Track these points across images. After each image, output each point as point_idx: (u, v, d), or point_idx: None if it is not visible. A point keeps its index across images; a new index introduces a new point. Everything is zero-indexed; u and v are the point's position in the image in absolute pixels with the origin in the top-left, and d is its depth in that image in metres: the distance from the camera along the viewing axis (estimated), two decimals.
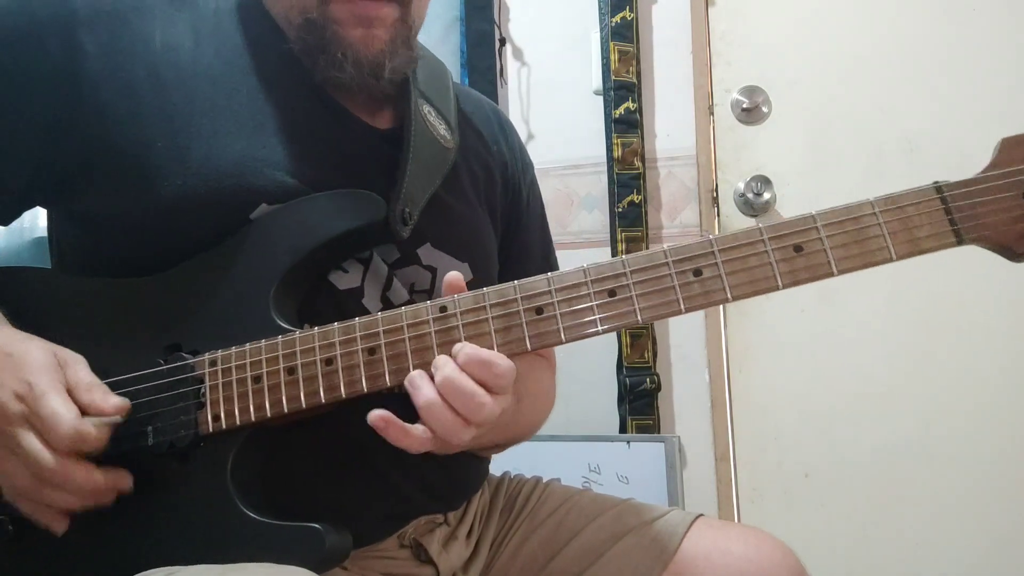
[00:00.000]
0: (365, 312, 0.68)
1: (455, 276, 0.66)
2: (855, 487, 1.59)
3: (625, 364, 1.61)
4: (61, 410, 0.59)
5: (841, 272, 0.61)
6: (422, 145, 0.77)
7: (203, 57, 0.72)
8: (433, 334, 0.64)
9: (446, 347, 0.63)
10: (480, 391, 0.60)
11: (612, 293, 0.63)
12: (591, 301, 0.63)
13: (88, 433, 0.59)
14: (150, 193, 0.67)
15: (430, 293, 0.77)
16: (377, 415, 0.60)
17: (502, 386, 0.61)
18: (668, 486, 1.51)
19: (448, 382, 0.60)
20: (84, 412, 0.61)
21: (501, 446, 0.84)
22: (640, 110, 1.64)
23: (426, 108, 0.80)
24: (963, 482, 1.54)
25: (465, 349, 0.61)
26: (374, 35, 0.73)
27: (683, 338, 1.64)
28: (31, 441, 0.59)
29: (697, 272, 0.62)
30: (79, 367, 0.63)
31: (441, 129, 0.81)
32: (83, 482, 0.61)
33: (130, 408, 0.63)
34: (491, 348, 0.63)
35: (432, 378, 0.61)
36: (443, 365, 0.61)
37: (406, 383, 0.62)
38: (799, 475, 1.62)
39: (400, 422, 0.60)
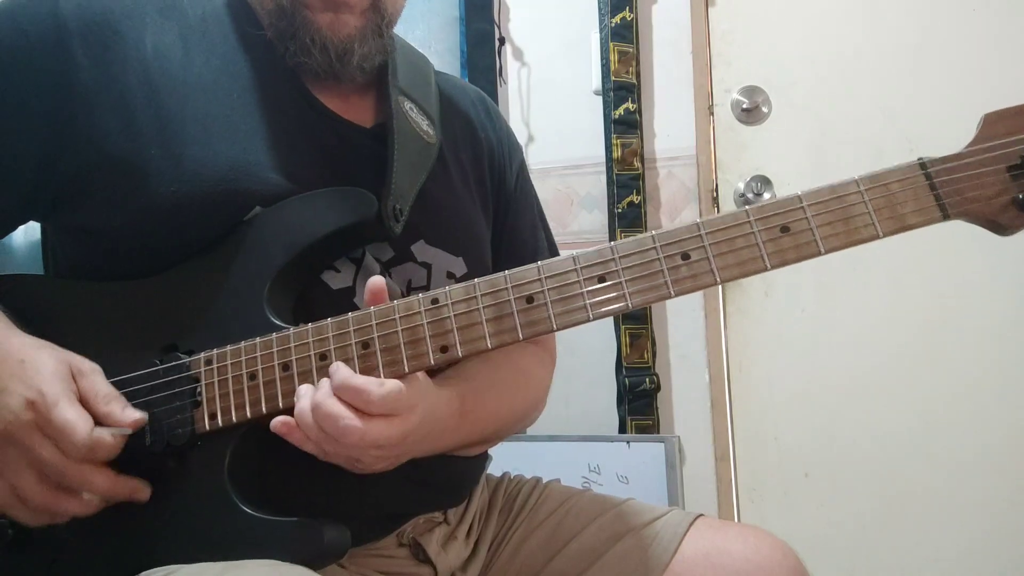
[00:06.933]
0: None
1: (376, 282, 0.65)
2: (855, 487, 1.58)
3: (624, 364, 1.60)
4: (75, 419, 0.59)
5: (828, 251, 0.61)
6: (406, 141, 0.77)
7: (193, 64, 0.72)
8: (426, 326, 0.64)
9: (439, 339, 0.63)
10: (346, 414, 0.58)
11: (602, 279, 0.63)
12: (581, 288, 0.63)
13: (104, 441, 0.60)
14: (145, 200, 0.67)
15: (427, 290, 0.77)
16: (280, 421, 0.60)
17: (383, 409, 0.59)
18: (668, 486, 1.50)
19: (315, 404, 0.59)
20: (100, 422, 0.61)
21: (483, 443, 0.81)
22: (640, 110, 1.64)
23: (407, 105, 0.80)
24: (963, 481, 1.53)
25: (339, 373, 0.60)
26: (343, 20, 0.73)
27: (683, 338, 1.63)
28: (46, 448, 0.59)
29: (685, 256, 0.62)
30: (96, 377, 0.64)
31: (424, 125, 0.81)
32: (102, 487, 0.61)
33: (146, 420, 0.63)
34: (483, 338, 0.63)
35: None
36: (319, 387, 0.61)
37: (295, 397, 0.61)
38: (799, 475, 1.62)
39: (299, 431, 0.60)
